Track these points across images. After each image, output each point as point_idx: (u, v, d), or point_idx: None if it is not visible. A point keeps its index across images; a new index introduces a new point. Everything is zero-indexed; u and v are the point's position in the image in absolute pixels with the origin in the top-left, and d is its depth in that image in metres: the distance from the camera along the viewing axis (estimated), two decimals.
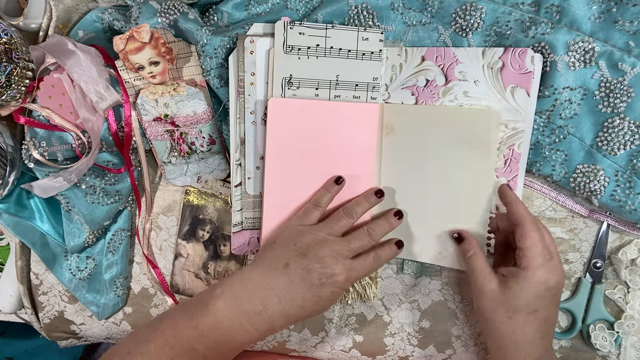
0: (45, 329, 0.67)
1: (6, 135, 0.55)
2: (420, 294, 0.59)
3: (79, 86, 0.52)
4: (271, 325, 0.46)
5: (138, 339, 0.48)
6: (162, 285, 0.63)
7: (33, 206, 0.61)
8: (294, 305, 0.45)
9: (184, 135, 0.57)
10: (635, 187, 0.50)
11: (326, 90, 0.51)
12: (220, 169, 0.60)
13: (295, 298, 0.45)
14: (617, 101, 0.49)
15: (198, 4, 0.55)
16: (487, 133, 0.49)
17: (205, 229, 0.61)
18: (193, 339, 0.45)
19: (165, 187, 0.63)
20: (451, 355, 0.60)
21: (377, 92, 0.52)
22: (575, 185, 0.52)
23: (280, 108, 0.50)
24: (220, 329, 0.45)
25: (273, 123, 0.50)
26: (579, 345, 0.57)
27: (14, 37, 0.51)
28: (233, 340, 0.46)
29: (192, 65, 0.54)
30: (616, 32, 0.48)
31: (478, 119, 0.49)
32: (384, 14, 0.52)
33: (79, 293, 0.63)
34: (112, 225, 0.62)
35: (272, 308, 0.45)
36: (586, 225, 0.55)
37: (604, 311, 0.55)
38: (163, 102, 0.55)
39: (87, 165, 0.54)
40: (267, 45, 0.50)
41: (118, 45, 0.51)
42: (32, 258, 0.65)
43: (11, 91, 0.51)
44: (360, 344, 0.61)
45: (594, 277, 0.55)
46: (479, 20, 0.50)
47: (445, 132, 0.50)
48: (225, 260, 0.62)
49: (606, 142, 0.50)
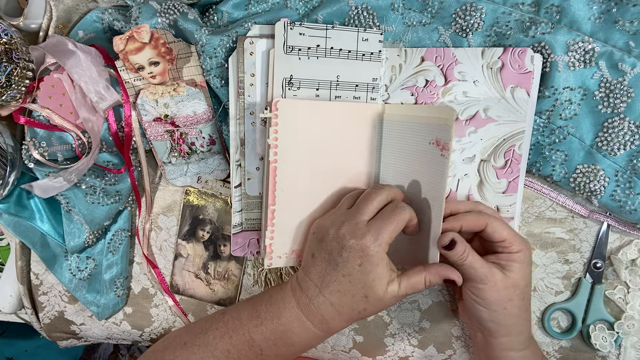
0: (45, 329, 0.67)
1: (6, 136, 0.55)
2: (420, 294, 0.59)
3: (79, 86, 0.52)
4: (323, 318, 0.45)
5: (196, 330, 0.49)
6: (162, 286, 0.63)
7: (33, 206, 0.61)
8: (332, 292, 0.44)
9: (184, 136, 0.57)
10: (635, 187, 0.50)
11: (327, 91, 0.51)
12: (220, 169, 0.60)
13: (330, 283, 0.44)
14: (617, 101, 0.49)
15: (198, 4, 0.55)
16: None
17: (205, 229, 0.61)
18: (253, 328, 0.46)
19: (165, 187, 0.63)
20: (451, 355, 0.60)
21: (376, 93, 0.52)
22: (575, 185, 0.52)
23: (288, 109, 0.49)
24: (280, 319, 0.46)
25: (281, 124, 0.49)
26: (579, 346, 0.58)
27: (14, 37, 0.51)
28: (291, 333, 0.46)
29: (192, 66, 0.54)
30: (616, 32, 0.48)
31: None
32: (384, 15, 0.52)
33: (79, 293, 0.63)
34: (112, 225, 0.62)
35: (316, 299, 0.45)
36: (586, 226, 0.55)
37: (604, 311, 0.55)
38: (163, 102, 0.55)
39: (87, 166, 0.54)
40: (267, 47, 0.50)
41: (118, 45, 0.51)
42: (32, 258, 0.65)
43: (11, 91, 0.51)
44: (360, 344, 0.61)
45: (594, 277, 0.55)
46: (479, 20, 0.50)
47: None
48: (225, 260, 0.62)
49: (606, 142, 0.50)
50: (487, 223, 0.47)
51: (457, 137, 0.52)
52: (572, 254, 0.56)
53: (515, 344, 0.49)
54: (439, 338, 0.60)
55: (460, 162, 0.52)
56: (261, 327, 0.46)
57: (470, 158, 0.52)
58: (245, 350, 0.46)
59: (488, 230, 0.47)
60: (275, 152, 0.49)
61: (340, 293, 0.44)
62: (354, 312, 0.45)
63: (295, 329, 0.46)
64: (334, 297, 0.44)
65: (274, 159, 0.50)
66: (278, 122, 0.49)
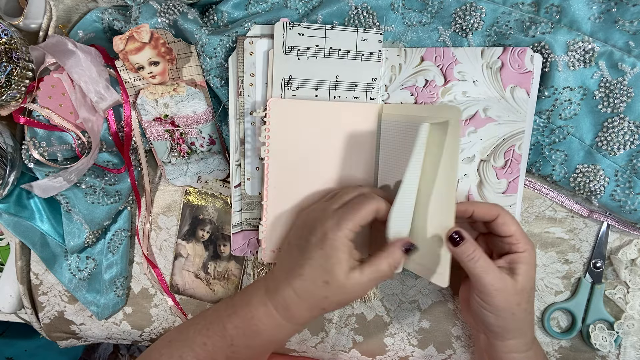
0: (45, 329, 0.67)
1: (6, 135, 0.55)
2: (420, 294, 0.59)
3: (79, 86, 0.52)
4: (285, 303, 0.45)
5: (181, 327, 0.50)
6: (162, 285, 0.63)
7: (33, 206, 0.61)
8: (295, 276, 0.44)
9: (184, 136, 0.57)
10: (635, 187, 0.50)
11: (326, 91, 0.51)
12: (220, 169, 0.60)
13: (294, 268, 0.44)
14: (617, 101, 0.49)
15: (198, 4, 0.55)
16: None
17: (205, 229, 0.61)
18: (226, 318, 0.47)
19: (165, 187, 0.63)
20: (451, 355, 0.60)
21: (376, 93, 0.52)
22: (575, 185, 0.52)
23: (280, 108, 0.50)
24: (249, 306, 0.46)
25: (273, 123, 0.50)
26: (579, 346, 0.57)
27: (14, 37, 0.51)
28: (257, 320, 0.45)
29: (192, 65, 0.54)
30: (616, 32, 0.48)
31: None
32: (384, 15, 0.52)
33: (79, 293, 0.63)
34: (112, 225, 0.62)
35: (281, 284, 0.45)
36: (586, 226, 0.55)
37: (604, 311, 0.55)
38: (163, 102, 0.55)
39: (87, 165, 0.54)
40: (266, 47, 0.50)
41: (118, 45, 0.51)
42: (32, 258, 0.65)
43: (11, 91, 0.51)
44: (360, 344, 0.61)
45: (594, 277, 0.55)
46: (479, 20, 0.50)
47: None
48: (225, 260, 0.62)
49: (606, 142, 0.50)
50: (499, 214, 0.46)
51: None
52: (572, 254, 0.56)
53: (520, 345, 0.48)
54: (439, 338, 0.60)
55: (460, 162, 0.52)
56: (233, 316, 0.46)
57: (470, 158, 0.52)
58: (219, 341, 0.46)
59: (499, 221, 0.46)
60: (267, 150, 0.50)
61: (302, 277, 0.44)
62: (315, 300, 0.44)
63: (262, 316, 0.45)
64: (296, 282, 0.44)
65: (266, 157, 0.51)
66: (270, 121, 0.50)
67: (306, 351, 0.63)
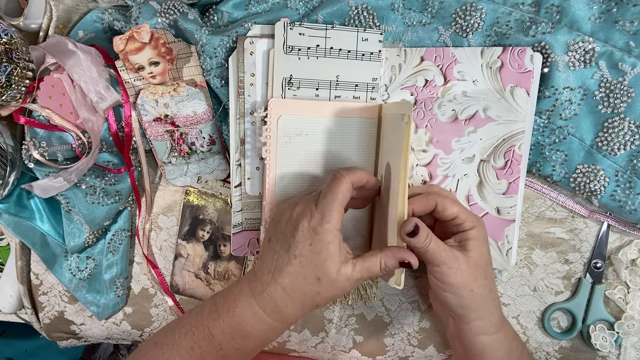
0: (45, 329, 0.67)
1: (6, 136, 0.55)
2: (420, 294, 0.59)
3: (79, 86, 0.52)
4: (275, 305, 0.44)
5: (167, 329, 0.48)
6: (162, 286, 0.63)
7: (33, 206, 0.61)
8: (284, 275, 0.43)
9: (184, 136, 0.57)
10: (635, 187, 0.50)
11: (326, 91, 0.51)
12: (220, 169, 0.60)
13: (282, 267, 0.43)
14: (617, 101, 0.49)
15: (198, 4, 0.55)
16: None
17: (205, 229, 0.61)
18: (212, 323, 0.45)
19: (165, 187, 0.63)
20: (451, 355, 0.60)
21: (376, 93, 0.52)
22: (575, 185, 0.52)
23: (281, 108, 0.50)
24: (235, 311, 0.45)
25: (274, 123, 0.50)
26: (579, 346, 0.57)
27: (14, 37, 0.51)
28: (245, 324, 0.44)
29: (192, 66, 0.54)
30: (616, 32, 0.48)
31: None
32: (384, 15, 0.52)
33: (79, 293, 0.63)
34: (112, 225, 0.62)
35: (268, 285, 0.44)
36: (586, 226, 0.55)
37: (604, 311, 0.55)
38: (163, 102, 0.55)
39: (87, 166, 0.54)
40: (267, 47, 0.50)
41: (118, 45, 0.51)
42: (32, 258, 0.65)
43: (11, 91, 0.51)
44: (360, 344, 0.61)
45: (594, 277, 0.55)
46: (479, 20, 0.50)
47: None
48: (225, 260, 0.62)
49: (606, 142, 0.50)
50: (437, 202, 0.46)
51: (457, 136, 0.52)
52: (572, 254, 0.56)
53: (487, 326, 0.48)
54: (439, 338, 0.60)
55: (460, 162, 0.52)
56: (218, 321, 0.45)
57: (470, 158, 0.52)
58: (207, 347, 0.45)
59: (438, 208, 0.46)
60: (268, 150, 0.50)
61: (292, 276, 0.43)
62: (307, 297, 0.43)
63: (250, 320, 0.44)
64: (286, 281, 0.43)
65: (267, 157, 0.50)
66: (271, 121, 0.50)
67: (306, 351, 0.63)
